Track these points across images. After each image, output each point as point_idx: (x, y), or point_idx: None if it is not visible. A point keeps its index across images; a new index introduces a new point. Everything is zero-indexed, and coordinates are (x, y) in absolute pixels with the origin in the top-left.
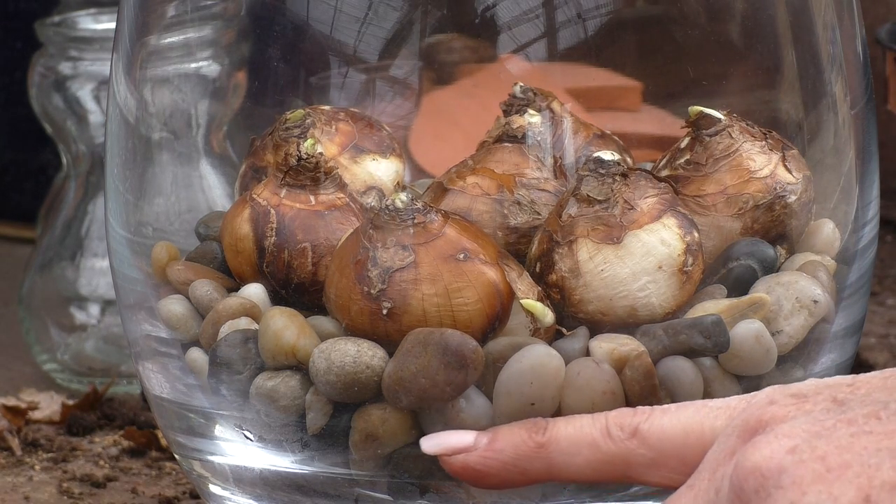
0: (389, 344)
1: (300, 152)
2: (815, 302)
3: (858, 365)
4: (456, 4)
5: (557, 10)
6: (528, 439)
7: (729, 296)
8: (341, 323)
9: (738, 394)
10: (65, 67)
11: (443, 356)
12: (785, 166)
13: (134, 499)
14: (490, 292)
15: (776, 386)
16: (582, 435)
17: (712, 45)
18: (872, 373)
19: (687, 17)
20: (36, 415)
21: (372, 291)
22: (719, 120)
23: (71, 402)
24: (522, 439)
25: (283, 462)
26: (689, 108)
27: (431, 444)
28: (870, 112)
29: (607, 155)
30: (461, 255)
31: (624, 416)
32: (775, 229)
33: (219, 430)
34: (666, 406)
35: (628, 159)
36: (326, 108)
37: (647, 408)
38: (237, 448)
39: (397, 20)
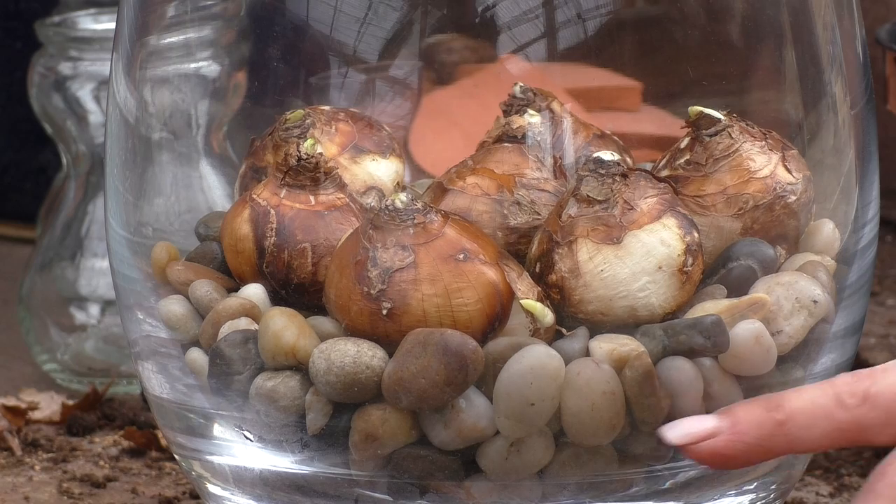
0: (389, 344)
1: (300, 152)
2: (815, 302)
3: (858, 365)
4: (456, 4)
5: (557, 10)
6: (768, 418)
7: (729, 296)
8: (341, 323)
9: (738, 394)
10: (65, 67)
11: (443, 356)
12: (785, 166)
13: (134, 499)
14: (490, 292)
15: None
16: (816, 408)
17: (712, 45)
18: None
19: (687, 17)
20: (36, 415)
21: (372, 292)
22: (719, 120)
23: (71, 403)
24: (764, 418)
25: (283, 462)
26: (689, 108)
27: (675, 433)
28: (870, 112)
29: (607, 155)
30: (461, 256)
31: (852, 384)
32: (775, 229)
33: (218, 430)
34: (885, 365)
35: (628, 159)
36: (326, 108)
37: (869, 370)
38: (237, 448)
39: (397, 20)
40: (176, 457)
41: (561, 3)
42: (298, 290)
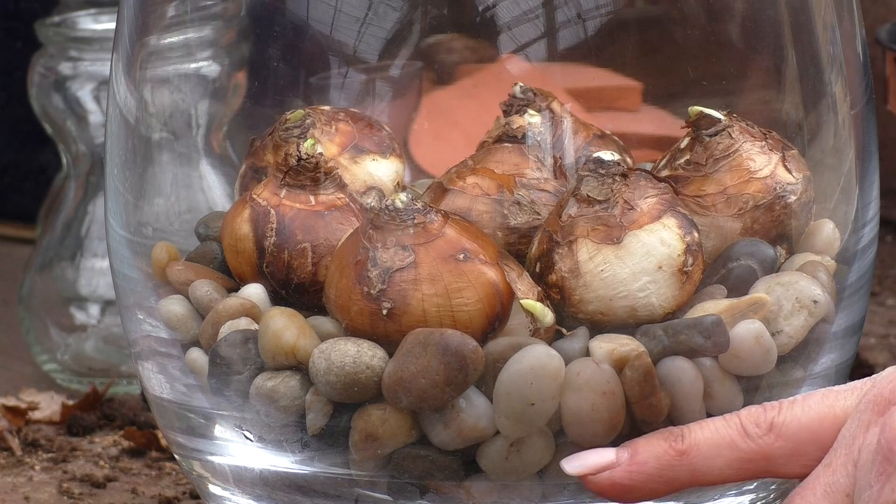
0: (389, 344)
1: (300, 152)
2: (815, 302)
3: (858, 365)
4: (456, 4)
5: (557, 10)
6: (668, 449)
7: (729, 296)
8: (341, 323)
9: (738, 394)
10: (65, 67)
11: (443, 356)
12: (785, 166)
13: (134, 499)
14: (490, 292)
15: None
16: (719, 437)
17: (712, 45)
18: None
19: (687, 17)
20: (36, 415)
21: (372, 292)
22: (719, 120)
23: (71, 403)
24: (664, 449)
25: (283, 462)
26: (689, 108)
27: (574, 465)
28: (870, 112)
29: (607, 155)
30: (461, 256)
31: (757, 414)
32: (775, 229)
33: (219, 430)
34: (792, 398)
35: (628, 159)
36: (326, 108)
37: (776, 402)
38: (237, 448)
39: (397, 20)
40: (176, 457)
41: (561, 3)
42: (298, 290)
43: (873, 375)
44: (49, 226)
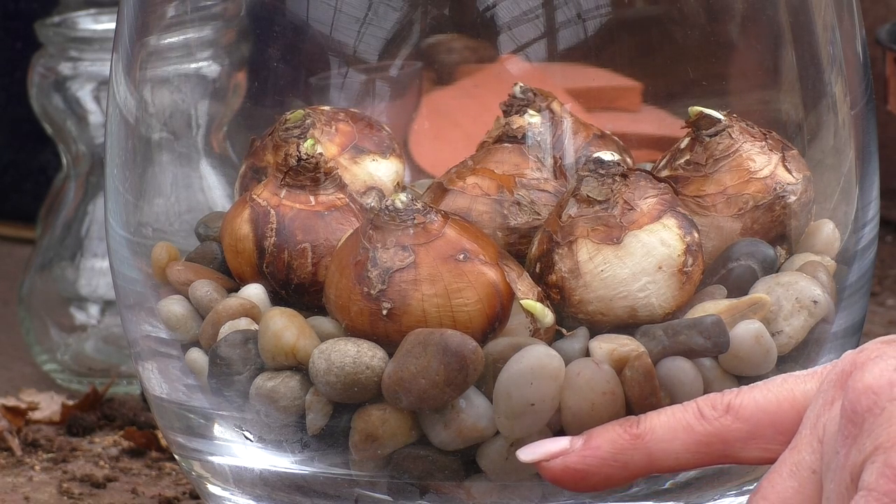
0: (389, 344)
1: (300, 153)
2: (815, 302)
3: None
4: (456, 4)
5: (557, 11)
6: (623, 433)
7: (729, 296)
8: (341, 323)
9: None
10: (65, 67)
11: (443, 357)
12: (785, 166)
13: (134, 499)
14: (490, 293)
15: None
16: (675, 420)
17: (712, 45)
18: None
19: (687, 17)
20: (36, 415)
21: (372, 292)
22: (719, 120)
23: (71, 403)
24: (618, 433)
25: (283, 462)
26: (689, 108)
27: (527, 452)
28: (870, 112)
29: (607, 155)
30: (461, 256)
31: (714, 397)
32: (775, 229)
33: (218, 430)
34: (753, 384)
35: (628, 159)
36: (326, 108)
37: (735, 388)
38: (237, 448)
39: (397, 20)
40: (176, 457)
41: (561, 3)
42: (298, 291)
43: (833, 360)
44: (49, 226)
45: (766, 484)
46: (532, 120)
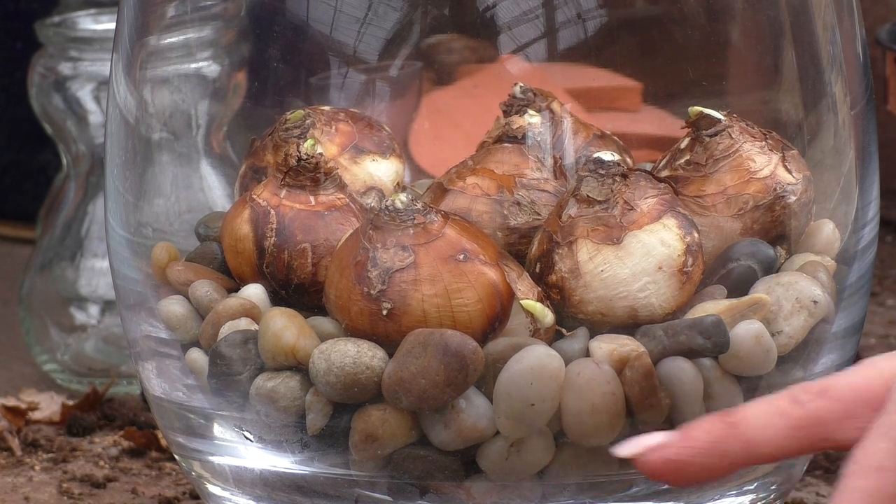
0: (389, 344)
1: (300, 153)
2: (815, 302)
3: None
4: (456, 4)
5: (557, 11)
6: (719, 422)
7: (729, 296)
8: (341, 323)
9: (738, 394)
10: (65, 67)
11: (443, 357)
12: (785, 167)
13: (134, 499)
14: (490, 293)
15: None
16: (770, 406)
17: (712, 45)
18: None
19: (687, 17)
20: (36, 415)
21: (372, 292)
22: (719, 120)
23: (71, 403)
24: (714, 423)
25: (283, 463)
26: (689, 108)
27: (626, 448)
28: (870, 112)
29: (607, 155)
30: (461, 256)
31: (808, 384)
32: (775, 230)
33: (218, 430)
34: (840, 371)
35: (628, 160)
36: (326, 108)
37: (827, 377)
38: (237, 448)
39: (397, 20)
40: (176, 457)
41: (561, 3)
42: (298, 291)
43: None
44: (49, 226)
45: (857, 449)
46: (532, 120)
